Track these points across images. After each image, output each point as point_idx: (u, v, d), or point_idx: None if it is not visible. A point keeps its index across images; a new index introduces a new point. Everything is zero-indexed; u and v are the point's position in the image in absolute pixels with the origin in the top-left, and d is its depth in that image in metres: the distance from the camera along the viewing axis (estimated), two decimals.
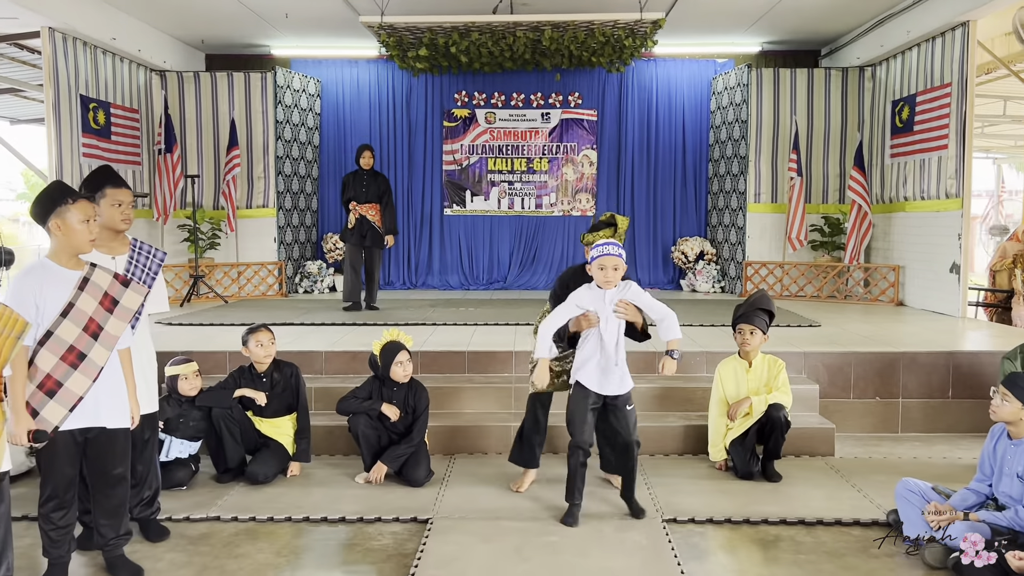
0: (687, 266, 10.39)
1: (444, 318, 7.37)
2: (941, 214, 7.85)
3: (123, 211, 3.74)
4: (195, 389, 4.62)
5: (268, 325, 4.78)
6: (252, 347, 4.66)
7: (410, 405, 4.63)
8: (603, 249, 3.94)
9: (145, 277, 3.82)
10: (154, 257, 3.88)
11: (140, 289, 3.47)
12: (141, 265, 3.84)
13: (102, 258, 3.65)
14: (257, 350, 4.66)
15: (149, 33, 9.16)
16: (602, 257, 3.93)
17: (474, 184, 10.78)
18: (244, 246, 9.73)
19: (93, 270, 3.36)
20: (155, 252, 3.89)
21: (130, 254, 3.80)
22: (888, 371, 5.69)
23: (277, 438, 4.70)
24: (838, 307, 8.54)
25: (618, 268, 3.93)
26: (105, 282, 3.37)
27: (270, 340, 4.68)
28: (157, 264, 3.88)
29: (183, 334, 6.60)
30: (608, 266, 3.91)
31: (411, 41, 8.32)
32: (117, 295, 3.39)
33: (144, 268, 3.84)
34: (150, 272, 3.85)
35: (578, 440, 4.01)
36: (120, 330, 3.37)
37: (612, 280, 3.93)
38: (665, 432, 5.12)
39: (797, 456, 5.04)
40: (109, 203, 3.70)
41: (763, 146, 9.59)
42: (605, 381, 4.00)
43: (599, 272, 3.94)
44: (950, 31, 7.67)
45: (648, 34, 8.02)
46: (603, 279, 3.94)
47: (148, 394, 3.83)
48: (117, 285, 3.40)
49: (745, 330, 4.76)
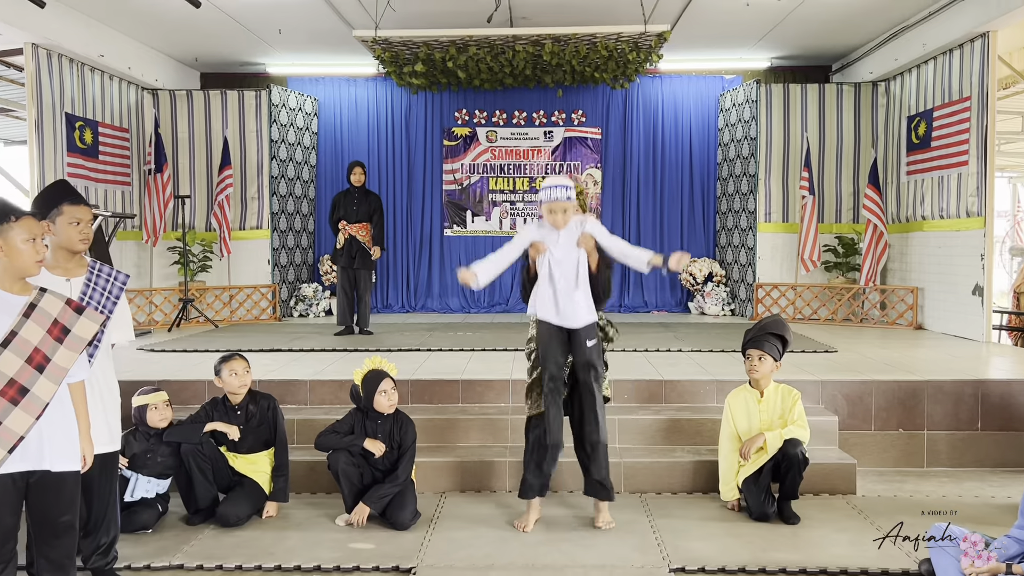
0: (695, 288, 10.03)
1: (439, 343, 7.03)
2: (962, 233, 7.49)
3: (81, 230, 3.43)
4: (165, 420, 4.28)
5: (242, 353, 4.45)
6: (226, 376, 4.33)
7: (395, 439, 4.28)
8: (551, 193, 3.89)
9: (104, 302, 3.50)
10: (115, 281, 3.56)
11: (96, 317, 3.14)
12: (100, 289, 3.52)
13: (55, 281, 3.35)
14: (231, 379, 4.32)
15: (139, 51, 8.92)
16: (551, 202, 3.91)
17: (475, 204, 10.48)
18: (237, 269, 9.43)
19: (42, 295, 3.03)
20: (116, 275, 3.57)
21: (87, 277, 3.48)
22: (912, 401, 5.31)
23: (252, 476, 4.36)
24: (854, 331, 8.16)
25: (567, 211, 3.91)
26: (55, 308, 3.04)
27: (244, 369, 4.34)
28: (119, 288, 3.56)
29: (165, 361, 6.27)
30: (557, 211, 3.90)
31: (407, 56, 8.05)
32: (68, 323, 3.06)
33: (104, 292, 3.52)
34: (110, 297, 3.54)
35: (549, 368, 3.92)
36: (70, 362, 3.04)
37: (565, 221, 3.93)
38: (673, 468, 4.75)
39: (816, 495, 4.65)
40: (66, 221, 3.39)
41: (773, 164, 9.26)
42: (562, 312, 3.92)
43: (548, 216, 3.92)
44: (969, 43, 7.35)
45: (653, 47, 7.73)
46: (553, 221, 3.93)
47: (108, 432, 3.49)
48: (69, 312, 3.07)
49: (753, 356, 4.40)
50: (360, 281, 7.75)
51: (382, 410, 4.24)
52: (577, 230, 3.95)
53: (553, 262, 3.93)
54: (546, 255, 3.93)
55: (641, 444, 5.01)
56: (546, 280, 3.95)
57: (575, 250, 3.94)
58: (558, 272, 3.92)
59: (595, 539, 4.00)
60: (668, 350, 6.65)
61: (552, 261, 3.93)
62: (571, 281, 3.92)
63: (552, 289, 3.93)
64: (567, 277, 3.92)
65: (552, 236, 3.96)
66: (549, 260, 3.93)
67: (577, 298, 3.92)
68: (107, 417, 3.47)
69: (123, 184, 8.84)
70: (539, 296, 3.98)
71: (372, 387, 4.23)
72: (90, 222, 3.48)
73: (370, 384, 4.24)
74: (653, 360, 6.17)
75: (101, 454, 3.37)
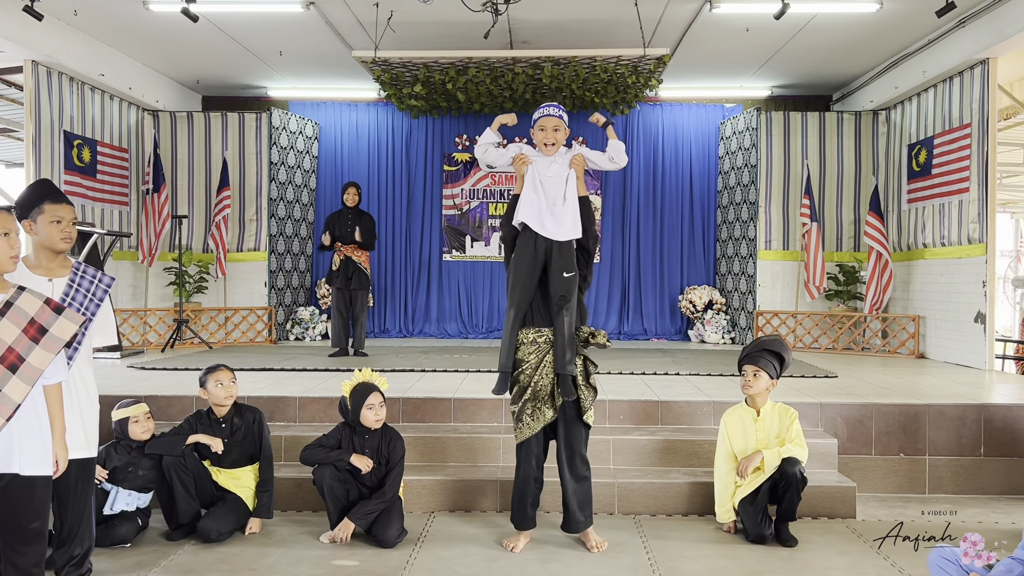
0: (695, 316, 9.94)
1: (434, 364, 6.93)
2: (964, 260, 7.41)
3: (63, 229, 3.36)
4: (147, 432, 4.19)
5: (227, 365, 4.35)
6: (211, 387, 4.24)
7: (383, 455, 4.17)
8: (544, 110, 3.94)
9: (87, 303, 3.43)
10: (99, 283, 3.48)
11: (75, 318, 3.07)
12: (83, 290, 3.44)
13: (37, 280, 3.28)
14: (216, 390, 4.23)
15: (141, 71, 8.95)
16: (543, 118, 3.94)
17: (474, 229, 10.44)
18: (233, 290, 9.37)
19: (19, 294, 2.97)
20: (100, 277, 3.50)
21: (71, 278, 3.40)
22: (913, 425, 5.20)
23: (236, 491, 4.25)
24: (855, 359, 8.05)
25: (559, 129, 3.94)
26: (32, 307, 2.98)
27: (230, 380, 4.25)
28: (102, 290, 3.48)
29: (154, 378, 6.17)
30: (548, 127, 3.93)
31: (407, 78, 8.06)
32: (46, 323, 2.99)
33: (87, 294, 3.45)
34: (93, 298, 3.46)
35: (515, 297, 3.90)
36: (45, 362, 2.96)
37: (555, 142, 3.97)
38: (668, 490, 4.63)
39: (815, 518, 4.53)
40: (48, 219, 3.32)
41: (773, 191, 9.22)
42: (545, 222, 3.91)
43: (540, 134, 3.99)
44: (968, 70, 7.34)
45: (652, 71, 7.73)
46: (543, 141, 3.94)
47: (85, 437, 3.39)
48: (47, 312, 3.00)
49: (748, 372, 4.30)
50: (356, 302, 7.68)
51: (369, 425, 4.14)
52: (566, 158, 4.03)
53: (541, 176, 3.97)
54: (532, 168, 3.98)
55: (636, 465, 4.89)
56: (531, 190, 3.95)
57: (565, 168, 4.00)
58: (548, 183, 3.95)
59: (585, 560, 3.88)
60: (666, 373, 6.55)
61: (540, 176, 3.97)
62: (559, 194, 3.93)
63: (538, 198, 3.93)
64: (556, 189, 3.94)
65: (542, 161, 4.01)
66: (537, 175, 3.97)
67: (564, 211, 3.92)
68: (84, 422, 3.37)
69: (120, 204, 8.81)
70: (524, 205, 3.95)
71: (359, 401, 4.14)
72: (72, 221, 3.41)
73: (358, 397, 4.15)
74: (650, 382, 6.06)
75: (77, 460, 3.28)
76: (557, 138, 3.97)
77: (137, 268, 9.14)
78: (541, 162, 4.00)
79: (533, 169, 3.98)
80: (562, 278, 3.89)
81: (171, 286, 9.16)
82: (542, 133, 3.96)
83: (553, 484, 4.19)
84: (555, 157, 4.01)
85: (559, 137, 3.98)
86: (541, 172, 3.97)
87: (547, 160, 4.00)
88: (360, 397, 4.13)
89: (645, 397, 5.36)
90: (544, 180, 3.96)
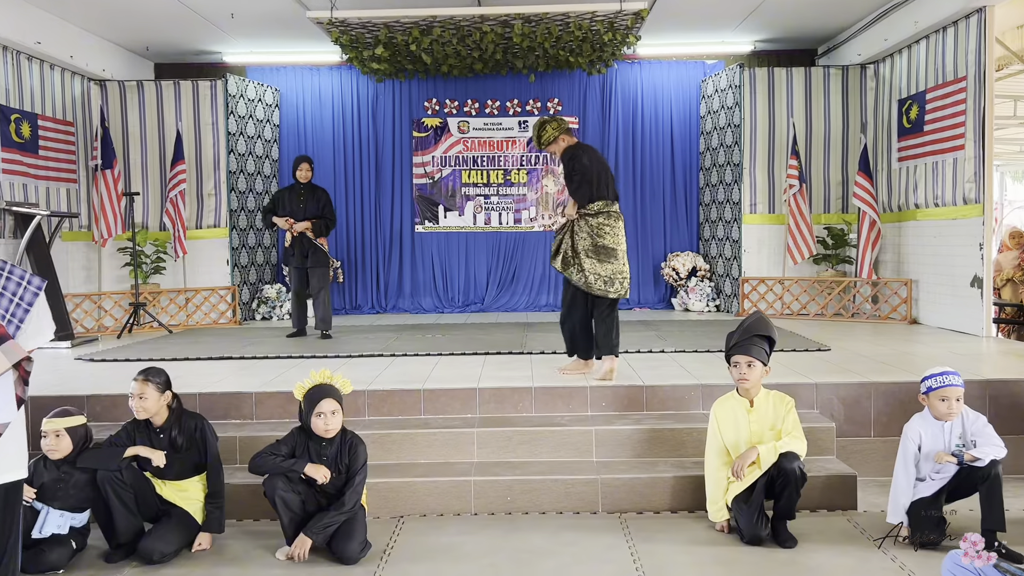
0: (679, 283, 9.58)
1: (404, 347, 6.53)
2: (959, 221, 7.07)
3: None
4: (57, 452, 3.74)
5: (154, 371, 3.89)
6: (131, 402, 3.82)
7: (343, 463, 3.78)
8: (944, 379, 3.78)
9: (13, 308, 3.03)
10: (27, 285, 3.08)
11: (12, 353, 2.73)
12: (9, 294, 3.05)
13: None
14: (131, 403, 3.82)
15: (83, 38, 8.34)
16: (943, 388, 3.76)
17: (447, 198, 9.98)
18: (193, 270, 8.89)
19: None
20: (29, 279, 3.11)
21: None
22: (914, 403, 4.81)
23: (183, 504, 3.85)
24: (846, 326, 7.73)
25: (959, 399, 3.78)
26: None
27: (155, 388, 3.80)
28: (31, 294, 3.09)
29: (102, 372, 5.74)
30: (951, 397, 3.75)
31: (367, 40, 7.53)
32: None
33: (13, 297, 3.06)
34: (21, 303, 3.07)
35: None
36: None
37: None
38: (655, 484, 4.28)
39: (813, 511, 4.21)
40: None
41: (758, 152, 8.82)
42: None
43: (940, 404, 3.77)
44: (964, 19, 6.92)
45: (630, 27, 7.25)
46: (946, 411, 3.75)
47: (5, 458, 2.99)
48: None
49: (741, 363, 3.93)
50: (316, 280, 7.23)
51: (320, 434, 3.74)
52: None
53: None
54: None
55: (620, 457, 4.54)
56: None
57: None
58: None
59: (570, 571, 3.53)
60: (650, 351, 6.20)
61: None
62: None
63: None
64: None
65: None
66: None
67: None
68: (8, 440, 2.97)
69: (68, 181, 8.27)
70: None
71: (310, 407, 3.73)
72: None
73: (309, 403, 3.74)
74: (633, 363, 5.70)
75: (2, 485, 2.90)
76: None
77: (90, 249, 8.63)
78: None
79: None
80: None
81: (127, 267, 8.66)
82: (943, 404, 3.84)
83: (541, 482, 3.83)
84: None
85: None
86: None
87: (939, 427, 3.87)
88: (311, 403, 3.73)
89: (629, 381, 5.00)
90: None
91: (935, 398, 3.75)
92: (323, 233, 7.17)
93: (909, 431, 3.82)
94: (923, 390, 3.81)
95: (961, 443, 3.72)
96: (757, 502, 3.82)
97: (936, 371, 3.78)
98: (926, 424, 3.81)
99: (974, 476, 3.63)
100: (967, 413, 3.79)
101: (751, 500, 3.82)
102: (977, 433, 3.72)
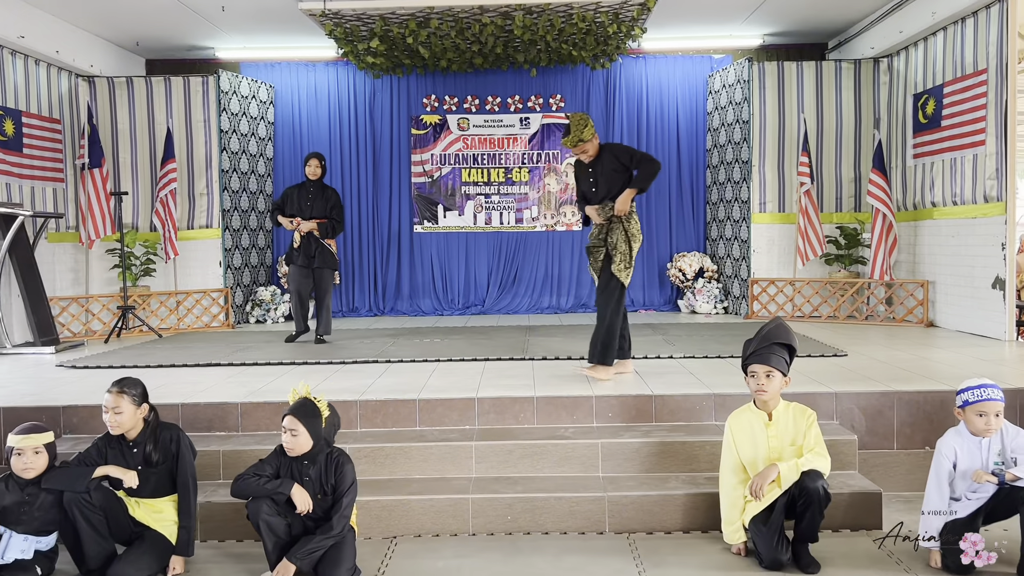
0: (685, 285, 9.30)
1: (400, 353, 6.25)
2: (979, 220, 6.78)
3: None
4: (33, 471, 3.47)
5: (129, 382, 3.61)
6: (103, 416, 3.55)
7: (327, 483, 3.50)
8: (982, 392, 3.47)
9: None
10: None
11: None
12: None
13: None
14: (104, 416, 3.55)
15: (70, 32, 8.07)
16: (981, 403, 3.46)
17: (447, 198, 9.70)
18: (185, 272, 8.61)
19: None
20: None
21: None
22: (940, 414, 4.58)
23: (156, 526, 3.58)
24: (859, 330, 7.44)
25: (999, 414, 3.47)
26: None
27: (130, 402, 3.53)
28: None
29: (83, 380, 5.46)
30: (990, 412, 3.46)
31: (362, 32, 7.25)
32: None
33: None
34: None
35: None
36: None
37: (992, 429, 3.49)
38: (666, 502, 4.00)
39: (835, 531, 3.92)
40: None
41: (767, 149, 8.53)
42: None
43: (978, 419, 3.47)
44: (984, 9, 6.64)
45: (635, 18, 6.96)
46: (984, 427, 3.46)
47: None
48: None
49: (759, 373, 3.65)
50: (321, 282, 6.96)
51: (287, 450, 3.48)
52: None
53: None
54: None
55: (628, 472, 4.26)
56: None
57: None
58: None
59: None
60: (657, 356, 5.92)
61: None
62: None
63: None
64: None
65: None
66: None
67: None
68: None
69: (54, 180, 8.00)
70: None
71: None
72: None
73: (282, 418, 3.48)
74: (640, 369, 5.42)
75: None
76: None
77: (78, 251, 8.36)
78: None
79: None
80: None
81: (115, 269, 8.39)
82: (981, 419, 3.52)
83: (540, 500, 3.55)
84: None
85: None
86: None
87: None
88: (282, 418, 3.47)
89: (636, 391, 4.72)
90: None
91: (972, 413, 3.46)
92: (330, 234, 6.89)
93: (943, 447, 3.54)
94: (959, 404, 3.52)
95: (1000, 461, 3.43)
96: (777, 523, 3.54)
97: (973, 383, 3.48)
98: (962, 440, 3.52)
99: (1014, 497, 3.35)
100: (1007, 428, 3.50)
101: (770, 521, 3.54)
102: (1018, 450, 3.43)
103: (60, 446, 4.41)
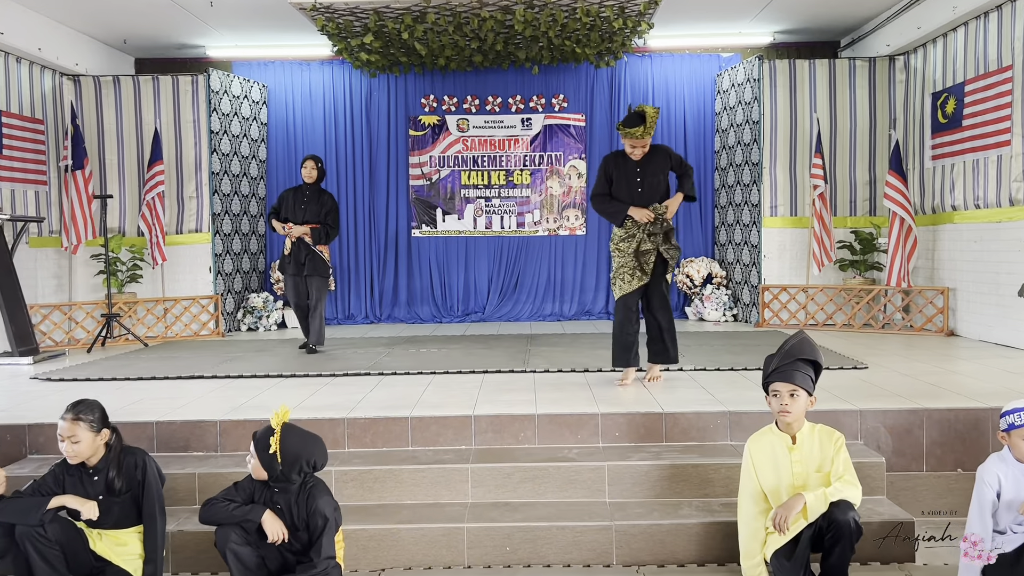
0: (693, 291, 8.97)
1: (394, 365, 5.92)
2: (1004, 224, 6.45)
3: None
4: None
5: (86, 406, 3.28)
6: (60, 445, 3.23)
7: (298, 518, 3.17)
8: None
9: None
10: None
11: None
12: None
13: None
14: (60, 445, 3.23)
15: (53, 29, 7.77)
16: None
17: (446, 201, 9.38)
18: (173, 278, 8.30)
19: None
20: None
21: None
22: (973, 434, 4.26)
23: (119, 561, 3.27)
24: (877, 339, 7.11)
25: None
26: None
27: (88, 428, 3.21)
28: None
29: (56, 394, 5.13)
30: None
31: (356, 28, 6.94)
32: None
33: None
34: None
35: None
36: None
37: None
38: (678, 532, 3.66)
39: (863, 564, 3.59)
40: None
41: (779, 151, 8.20)
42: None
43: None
44: (1009, 3, 6.31)
45: (642, 13, 6.64)
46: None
47: None
48: None
49: (783, 392, 3.31)
50: (313, 290, 6.65)
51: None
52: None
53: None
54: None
55: (637, 497, 3.93)
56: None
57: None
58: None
59: None
60: (667, 369, 5.58)
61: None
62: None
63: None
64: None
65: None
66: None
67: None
68: None
69: (36, 183, 7.70)
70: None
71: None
72: None
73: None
74: (649, 384, 5.09)
75: None
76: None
77: (61, 256, 8.05)
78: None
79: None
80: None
81: (101, 275, 8.07)
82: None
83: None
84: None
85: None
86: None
87: None
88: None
89: (645, 408, 4.38)
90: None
91: (1018, 437, 3.12)
92: (323, 240, 6.58)
93: (985, 474, 3.20)
94: (1004, 427, 3.18)
95: None
96: (802, 558, 3.20)
97: (1019, 405, 3.15)
98: (1006, 467, 3.18)
99: None
100: None
101: (795, 556, 3.21)
102: None
103: (23, 468, 4.11)
